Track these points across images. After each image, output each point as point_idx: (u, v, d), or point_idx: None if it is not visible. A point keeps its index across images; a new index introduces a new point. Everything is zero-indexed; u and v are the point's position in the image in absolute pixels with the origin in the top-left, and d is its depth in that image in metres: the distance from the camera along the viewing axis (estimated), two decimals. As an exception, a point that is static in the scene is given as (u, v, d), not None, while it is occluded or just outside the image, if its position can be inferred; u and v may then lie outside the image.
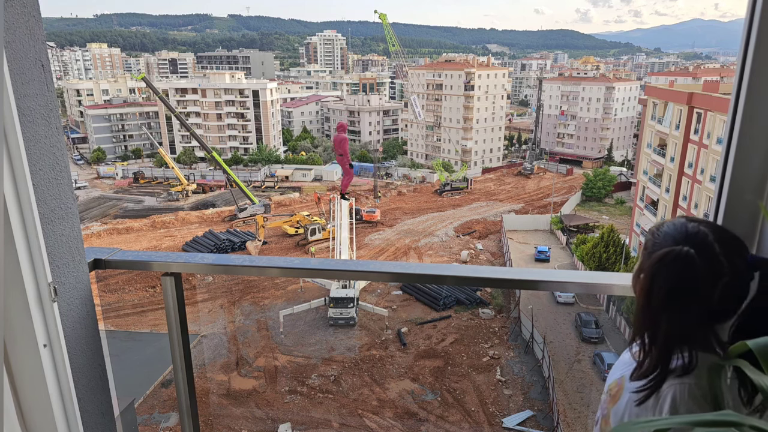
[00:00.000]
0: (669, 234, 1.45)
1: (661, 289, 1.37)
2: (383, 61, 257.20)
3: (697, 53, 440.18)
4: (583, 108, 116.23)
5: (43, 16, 1.79)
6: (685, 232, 1.42)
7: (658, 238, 1.46)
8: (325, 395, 28.15)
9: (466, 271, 2.32)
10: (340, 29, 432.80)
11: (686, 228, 1.44)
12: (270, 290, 40.89)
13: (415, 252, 53.71)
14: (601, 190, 76.34)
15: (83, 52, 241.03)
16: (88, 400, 2.01)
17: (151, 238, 57.97)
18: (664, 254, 1.38)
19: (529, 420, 26.52)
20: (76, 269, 1.96)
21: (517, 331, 35.03)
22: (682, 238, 1.40)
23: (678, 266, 1.35)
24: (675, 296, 1.36)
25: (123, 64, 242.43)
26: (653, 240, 1.48)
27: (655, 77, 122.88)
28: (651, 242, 1.49)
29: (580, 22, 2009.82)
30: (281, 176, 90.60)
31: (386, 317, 35.92)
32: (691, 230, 1.42)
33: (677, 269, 1.35)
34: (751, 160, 1.68)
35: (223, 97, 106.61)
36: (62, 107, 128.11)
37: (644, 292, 1.42)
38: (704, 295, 1.35)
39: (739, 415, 1.01)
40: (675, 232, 1.44)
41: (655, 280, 1.38)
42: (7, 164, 1.59)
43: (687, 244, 1.38)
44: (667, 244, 1.41)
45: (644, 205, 46.44)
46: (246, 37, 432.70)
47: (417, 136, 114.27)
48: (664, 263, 1.37)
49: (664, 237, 1.45)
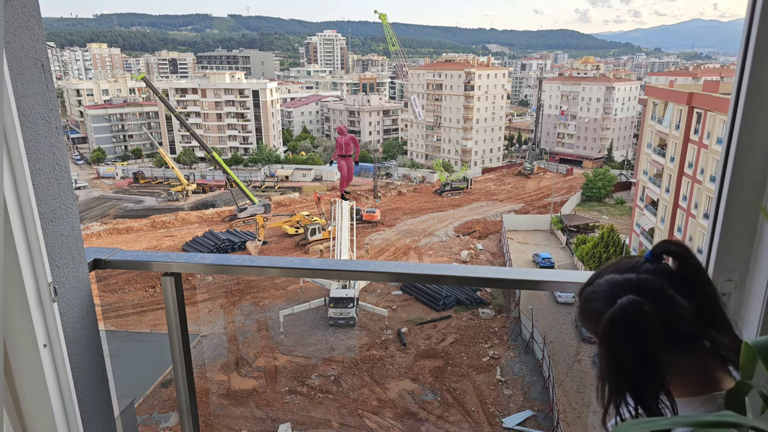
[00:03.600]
0: (597, 293, 1.33)
1: (627, 352, 1.21)
2: (383, 61, 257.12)
3: (697, 53, 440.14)
4: (583, 108, 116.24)
5: (43, 16, 1.79)
6: (608, 287, 1.31)
7: (589, 304, 1.35)
8: (325, 395, 28.15)
9: (466, 271, 2.32)
10: (340, 29, 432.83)
11: (607, 283, 1.32)
12: (270, 290, 40.88)
13: (415, 252, 53.71)
14: (601, 190, 76.37)
15: (83, 52, 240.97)
16: (88, 400, 2.01)
17: (151, 238, 57.96)
18: (610, 317, 1.22)
19: (529, 420, 26.52)
20: (76, 269, 1.96)
21: (517, 331, 35.03)
22: (611, 292, 1.28)
23: (629, 320, 1.21)
24: (646, 352, 1.20)
25: (123, 64, 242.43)
26: (584, 310, 1.37)
27: (655, 77, 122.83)
28: (582, 312, 1.38)
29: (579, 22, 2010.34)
30: (281, 176, 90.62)
31: (386, 317, 35.92)
32: (612, 281, 1.32)
33: (630, 323, 1.20)
34: (751, 160, 1.68)
35: (223, 97, 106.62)
36: (62, 107, 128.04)
37: (601, 357, 1.26)
38: (675, 330, 1.23)
39: (738, 415, 1.01)
40: (601, 289, 1.33)
41: (607, 340, 1.23)
42: (7, 164, 1.59)
43: (621, 293, 1.25)
44: (602, 306, 1.27)
45: (644, 205, 46.43)
46: (246, 37, 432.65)
47: (417, 136, 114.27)
48: (615, 326, 1.22)
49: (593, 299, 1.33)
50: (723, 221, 1.77)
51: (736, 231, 1.78)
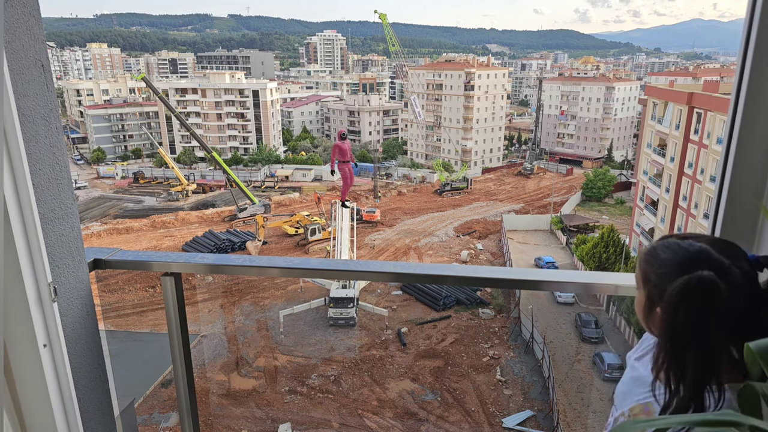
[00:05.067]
0: (670, 259, 1.35)
1: (687, 322, 1.25)
2: (383, 61, 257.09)
3: (697, 53, 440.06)
4: (583, 108, 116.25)
5: (43, 16, 1.79)
6: (687, 255, 1.33)
7: (660, 266, 1.36)
8: (325, 395, 28.15)
9: (466, 271, 2.32)
10: (340, 29, 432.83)
11: (686, 249, 1.34)
12: (270, 290, 40.89)
13: (415, 252, 53.71)
14: (601, 190, 76.37)
15: (83, 52, 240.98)
16: (88, 400, 2.01)
17: (151, 238, 57.97)
18: (684, 284, 1.25)
19: (529, 420, 26.52)
20: (76, 269, 1.96)
21: (517, 331, 35.02)
22: (688, 262, 1.31)
23: (702, 294, 1.24)
24: (702, 327, 1.25)
25: (123, 64, 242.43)
26: (655, 269, 1.37)
27: (655, 77, 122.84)
28: (652, 272, 1.38)
29: (579, 22, 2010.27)
30: (281, 176, 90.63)
31: (386, 317, 35.92)
32: (693, 250, 1.33)
33: (702, 297, 1.24)
34: (751, 160, 1.68)
35: (223, 97, 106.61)
36: (62, 107, 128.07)
37: (666, 328, 1.30)
38: (732, 316, 1.26)
39: (738, 414, 1.01)
40: (676, 255, 1.34)
41: (678, 313, 1.27)
42: (7, 164, 1.59)
43: (698, 266, 1.27)
44: (674, 271, 1.31)
45: (644, 205, 46.44)
46: (246, 37, 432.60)
47: (417, 136, 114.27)
48: (688, 294, 1.25)
49: (666, 264, 1.35)
50: (723, 221, 1.77)
51: (736, 231, 1.78)
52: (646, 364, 1.56)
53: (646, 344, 1.65)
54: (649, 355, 1.59)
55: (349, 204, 37.19)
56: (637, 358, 1.64)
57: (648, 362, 1.54)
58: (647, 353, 1.60)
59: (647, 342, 1.65)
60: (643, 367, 1.57)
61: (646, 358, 1.59)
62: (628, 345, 33.21)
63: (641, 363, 1.60)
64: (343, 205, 36.07)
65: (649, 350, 1.60)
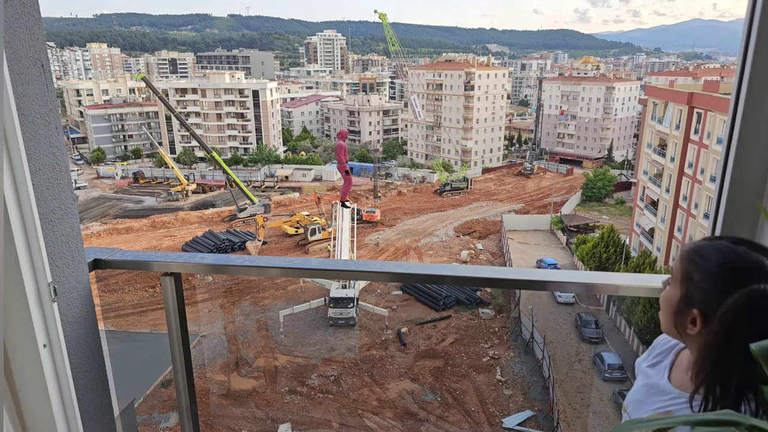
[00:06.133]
0: (723, 265, 1.28)
1: (745, 335, 1.17)
2: (383, 61, 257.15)
3: (697, 53, 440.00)
4: (583, 108, 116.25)
5: (43, 16, 1.78)
6: (742, 264, 1.27)
7: (708, 268, 1.30)
8: (325, 395, 28.15)
9: (466, 271, 2.32)
10: (340, 29, 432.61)
11: (742, 258, 1.28)
12: (270, 290, 40.89)
13: (415, 252, 53.72)
14: (601, 190, 76.39)
15: (83, 52, 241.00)
16: (88, 400, 2.01)
17: (151, 238, 57.97)
18: (748, 297, 1.19)
19: (529, 420, 26.52)
20: (75, 269, 1.96)
21: (517, 331, 35.02)
22: (743, 271, 1.25)
23: (766, 310, 1.18)
24: (755, 341, 1.19)
25: (123, 64, 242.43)
26: (701, 270, 1.31)
27: (655, 77, 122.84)
28: (697, 272, 1.32)
29: (579, 21, 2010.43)
30: (281, 176, 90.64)
31: (386, 317, 35.92)
32: (751, 260, 1.26)
33: (765, 313, 1.18)
34: (751, 160, 1.68)
35: (223, 97, 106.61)
36: (62, 107, 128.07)
37: (718, 341, 1.23)
38: None
39: (738, 414, 1.00)
40: (730, 261, 1.28)
41: (738, 328, 1.20)
42: (7, 164, 1.59)
43: (756, 279, 1.21)
44: (726, 279, 1.26)
45: (644, 205, 46.44)
46: (246, 37, 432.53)
47: (417, 136, 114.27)
48: (751, 309, 1.18)
49: (715, 268, 1.29)
50: (723, 221, 1.77)
51: (736, 231, 1.78)
52: (661, 372, 1.53)
53: (658, 351, 1.62)
54: (664, 363, 1.56)
55: (349, 204, 37.24)
56: (650, 365, 1.60)
57: (663, 370, 1.52)
58: (661, 360, 1.58)
59: (660, 348, 1.62)
60: (659, 375, 1.53)
61: (661, 365, 1.56)
62: (628, 345, 33.21)
63: (655, 370, 1.56)
64: (343, 205, 36.10)
65: (664, 357, 1.58)
